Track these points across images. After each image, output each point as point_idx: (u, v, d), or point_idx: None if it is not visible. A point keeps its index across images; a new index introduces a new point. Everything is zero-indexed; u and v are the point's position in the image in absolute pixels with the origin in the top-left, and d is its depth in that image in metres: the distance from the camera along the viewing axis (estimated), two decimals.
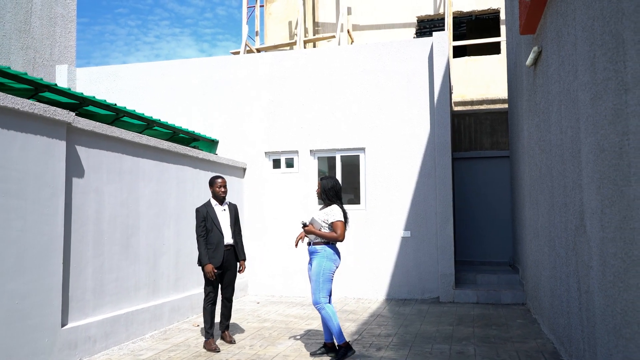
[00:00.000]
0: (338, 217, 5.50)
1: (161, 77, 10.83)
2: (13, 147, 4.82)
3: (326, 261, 5.50)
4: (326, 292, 5.49)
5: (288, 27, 17.20)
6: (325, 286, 5.47)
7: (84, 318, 5.78)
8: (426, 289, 9.41)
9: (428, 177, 9.52)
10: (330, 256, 5.51)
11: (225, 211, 6.36)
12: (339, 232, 5.46)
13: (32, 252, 4.98)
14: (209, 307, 6.12)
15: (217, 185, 6.29)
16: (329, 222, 5.51)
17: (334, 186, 5.70)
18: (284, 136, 10.16)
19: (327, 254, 5.52)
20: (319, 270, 5.47)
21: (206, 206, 6.25)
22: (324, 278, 5.47)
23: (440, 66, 9.44)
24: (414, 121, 9.64)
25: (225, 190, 6.31)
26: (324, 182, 5.71)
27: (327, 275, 5.49)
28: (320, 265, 5.48)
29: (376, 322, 7.43)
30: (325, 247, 5.53)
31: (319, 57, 10.18)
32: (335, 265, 5.54)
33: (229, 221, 6.33)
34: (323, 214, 5.57)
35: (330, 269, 5.50)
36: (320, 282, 5.46)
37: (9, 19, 11.05)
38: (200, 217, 6.14)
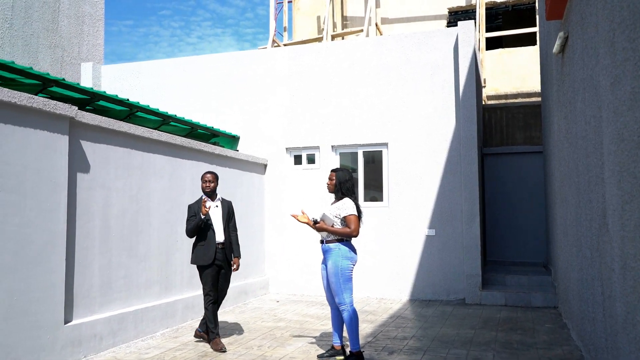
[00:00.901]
0: (351, 211, 5.19)
1: (182, 73, 10.77)
2: (11, 142, 4.75)
3: (342, 260, 5.18)
4: (349, 292, 5.19)
5: (316, 22, 16.98)
6: (347, 286, 5.18)
7: (89, 315, 5.70)
8: (451, 289, 9.02)
9: (453, 173, 9.12)
10: (345, 254, 5.20)
11: (218, 207, 6.16)
12: (352, 227, 5.15)
13: (32, 248, 4.91)
14: (210, 307, 5.95)
15: (203, 180, 6.11)
16: (342, 217, 5.20)
17: (351, 178, 5.40)
18: (305, 132, 9.94)
19: (342, 252, 5.20)
20: (336, 271, 5.17)
21: (197, 202, 6.07)
22: (343, 278, 5.17)
23: (466, 57, 9.02)
24: (439, 115, 9.25)
25: (209, 186, 6.06)
26: (340, 174, 5.39)
27: (347, 275, 5.18)
28: (337, 265, 5.17)
29: (394, 324, 7.13)
30: (339, 244, 5.22)
31: (339, 50, 9.90)
32: (352, 262, 5.23)
33: (221, 218, 6.12)
34: (335, 209, 5.28)
35: (348, 267, 5.19)
36: (340, 282, 5.16)
37: (37, 18, 11.21)
38: (191, 212, 5.99)
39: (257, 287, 9.40)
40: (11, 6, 10.69)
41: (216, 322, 5.96)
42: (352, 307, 5.20)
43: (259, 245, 9.76)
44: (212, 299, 5.96)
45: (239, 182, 9.11)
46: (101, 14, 13.26)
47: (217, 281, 6.04)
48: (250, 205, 9.49)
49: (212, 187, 6.10)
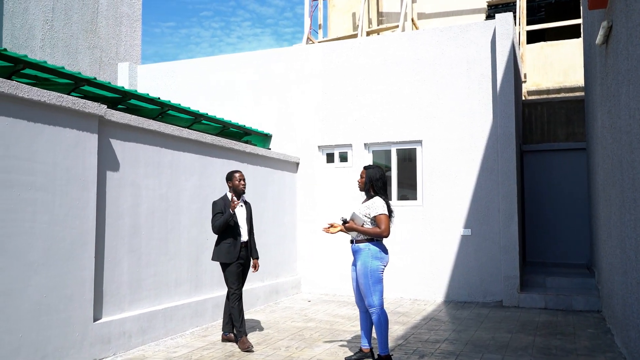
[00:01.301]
0: (381, 210, 5.02)
1: (215, 71, 10.80)
2: (40, 140, 4.80)
3: (372, 260, 5.01)
4: (379, 294, 5.02)
5: (352, 18, 16.81)
6: (377, 287, 5.01)
7: (119, 313, 5.73)
8: (488, 291, 8.73)
9: (490, 171, 8.82)
10: (375, 254, 5.03)
11: (243, 207, 6.16)
12: (382, 226, 4.98)
13: (61, 245, 4.95)
14: (236, 304, 5.90)
15: (236, 179, 6.04)
16: (372, 216, 5.04)
17: (382, 176, 5.21)
18: (337, 129, 9.81)
19: (372, 252, 5.03)
20: (366, 272, 5.01)
21: (223, 199, 6.02)
22: (373, 279, 5.00)
23: (504, 51, 8.70)
24: (475, 111, 8.96)
25: (245, 184, 6.08)
26: (371, 171, 5.22)
27: (377, 276, 5.01)
28: (367, 266, 5.01)
29: (427, 327, 6.92)
30: (369, 244, 5.05)
31: (373, 46, 9.72)
32: (382, 263, 5.05)
33: (245, 218, 6.12)
34: (365, 208, 5.12)
35: (378, 268, 5.02)
36: (370, 284, 5.00)
37: (77, 20, 11.44)
38: (217, 209, 5.92)
39: (288, 287, 9.33)
40: (52, 8, 10.94)
41: (242, 320, 5.90)
42: (381, 310, 5.04)
43: (291, 244, 9.69)
44: (238, 296, 5.92)
45: (270, 180, 9.06)
46: (139, 15, 13.45)
47: (243, 278, 6.02)
48: (281, 204, 9.43)
49: (246, 186, 6.13)
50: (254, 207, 8.49)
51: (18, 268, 4.55)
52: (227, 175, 6.18)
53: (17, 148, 4.58)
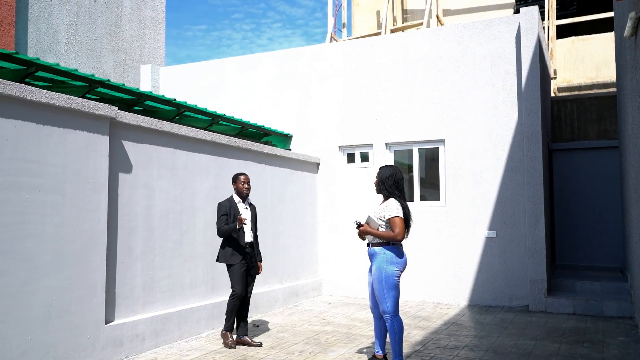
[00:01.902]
0: (394, 213, 4.83)
1: (236, 72, 10.76)
2: (50, 143, 4.79)
3: (387, 265, 4.82)
4: (394, 300, 4.82)
5: (376, 16, 16.60)
6: (392, 293, 4.81)
7: (132, 315, 5.70)
8: (514, 295, 8.43)
9: (516, 170, 8.52)
10: (390, 259, 4.84)
11: (247, 210, 6.15)
12: (396, 230, 4.78)
13: (71, 247, 4.94)
14: (233, 302, 5.95)
15: (240, 182, 6.08)
16: (386, 219, 4.87)
17: (393, 175, 5.01)
18: (358, 129, 9.64)
19: (387, 257, 4.85)
20: (380, 277, 4.83)
21: (229, 201, 6.06)
22: (388, 285, 4.80)
23: (529, 46, 8.40)
24: (499, 109, 8.68)
25: (249, 187, 6.11)
26: (381, 171, 5.06)
27: (392, 281, 4.81)
28: (381, 270, 4.83)
29: (448, 332, 6.70)
30: (383, 249, 4.87)
31: (394, 43, 9.52)
32: (398, 268, 4.84)
33: (249, 220, 6.12)
34: (379, 210, 4.95)
35: (393, 273, 4.82)
36: (384, 290, 4.81)
37: (100, 23, 11.57)
38: (222, 210, 5.96)
39: (309, 289, 9.21)
40: (76, 12, 11.08)
41: (233, 318, 5.98)
42: (396, 317, 4.85)
43: (311, 246, 9.57)
44: (238, 295, 5.93)
45: (289, 181, 8.95)
46: (162, 17, 13.54)
47: (246, 279, 6.03)
48: (301, 205, 9.31)
49: (250, 189, 6.13)
50: (273, 209, 8.41)
51: (27, 270, 4.55)
52: (233, 177, 6.18)
53: (25, 150, 4.58)
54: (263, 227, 8.09)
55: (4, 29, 9.60)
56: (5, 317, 4.34)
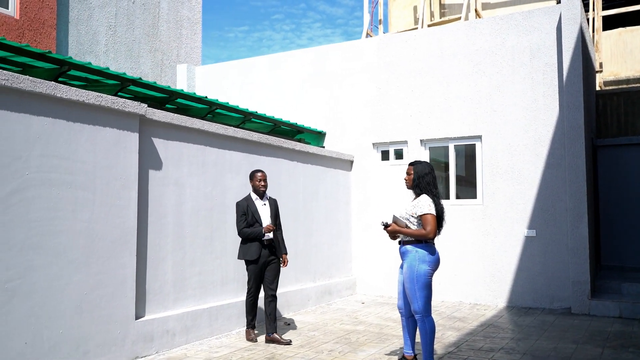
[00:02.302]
0: (427, 210, 4.66)
1: (269, 70, 10.76)
2: (80, 140, 4.85)
3: (419, 264, 4.65)
4: (426, 299, 4.66)
5: (413, 12, 16.33)
6: (423, 293, 4.65)
7: (162, 311, 5.73)
8: (555, 297, 8.10)
9: (557, 167, 8.19)
10: (423, 258, 4.67)
11: (266, 205, 6.17)
12: (428, 227, 4.61)
13: (101, 243, 4.99)
14: (251, 300, 6.14)
15: (256, 179, 6.13)
16: (417, 216, 4.71)
17: (431, 172, 4.85)
18: (392, 126, 9.47)
19: (420, 255, 4.68)
20: (412, 276, 4.67)
21: (246, 200, 6.12)
22: (420, 284, 4.64)
23: (571, 37, 8.05)
24: (539, 103, 8.36)
25: (265, 185, 6.14)
26: (419, 167, 4.86)
27: (423, 281, 4.65)
28: (413, 269, 4.67)
29: (484, 333, 6.48)
30: (416, 247, 4.70)
31: (429, 38, 9.31)
32: (430, 267, 4.68)
33: (269, 216, 6.12)
34: (411, 207, 4.79)
35: (425, 272, 4.65)
36: (416, 289, 4.65)
37: (139, 25, 11.76)
38: (241, 210, 6.04)
39: (342, 288, 9.11)
40: (115, 14, 11.30)
41: (254, 315, 6.17)
42: (428, 317, 4.69)
43: (345, 244, 9.46)
44: (253, 293, 6.11)
45: (322, 178, 8.87)
46: (199, 17, 13.67)
47: (261, 276, 6.08)
48: (334, 203, 9.22)
49: (266, 186, 6.17)
50: (305, 206, 8.35)
51: (58, 265, 4.62)
52: (250, 174, 6.23)
53: (56, 147, 4.65)
54: (295, 224, 8.05)
55: (46, 32, 9.86)
56: (37, 311, 4.42)
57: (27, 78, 4.39)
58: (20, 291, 4.31)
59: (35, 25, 9.61)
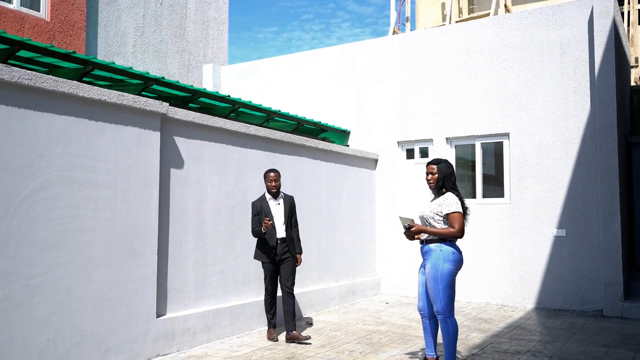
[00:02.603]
0: (455, 208, 4.53)
1: (293, 69, 10.74)
2: (102, 138, 4.90)
3: (443, 263, 4.51)
4: (450, 300, 4.54)
5: (441, 9, 16.12)
6: (447, 293, 4.52)
7: (183, 309, 5.76)
8: (586, 299, 7.86)
9: (588, 165, 7.94)
10: (448, 256, 4.52)
11: (280, 205, 6.19)
12: (457, 226, 4.48)
13: (123, 241, 5.04)
14: (269, 299, 6.18)
15: (268, 179, 6.18)
16: (443, 214, 4.58)
17: (453, 171, 4.77)
18: (417, 124, 9.33)
19: (445, 254, 4.53)
20: (436, 275, 4.53)
21: (260, 200, 6.18)
22: (443, 284, 4.51)
23: (603, 30, 7.79)
24: (569, 99, 8.11)
25: (275, 185, 6.14)
26: (443, 166, 4.74)
27: (447, 280, 4.51)
28: (437, 269, 4.53)
29: (510, 335, 6.32)
30: (441, 245, 4.57)
31: (455, 34, 9.14)
32: (454, 266, 4.55)
33: (282, 215, 6.15)
34: (436, 205, 4.65)
35: (450, 272, 4.51)
36: (440, 289, 4.51)
37: (166, 26, 11.89)
38: (254, 210, 6.13)
39: (366, 287, 9.02)
40: (142, 15, 11.44)
41: (273, 314, 6.18)
42: (451, 318, 4.57)
43: (369, 244, 9.37)
44: (270, 291, 6.18)
45: (345, 177, 8.80)
46: (225, 18, 13.75)
47: (276, 276, 6.17)
48: (359, 202, 9.14)
49: (278, 186, 6.16)
50: (328, 205, 8.29)
51: (80, 263, 4.67)
52: (264, 173, 6.27)
53: (78, 146, 4.70)
54: (318, 224, 8.00)
55: (76, 33, 10.05)
56: (59, 308, 4.48)
57: (50, 77, 4.46)
58: (42, 288, 4.37)
59: (66, 27, 9.80)
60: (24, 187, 4.29)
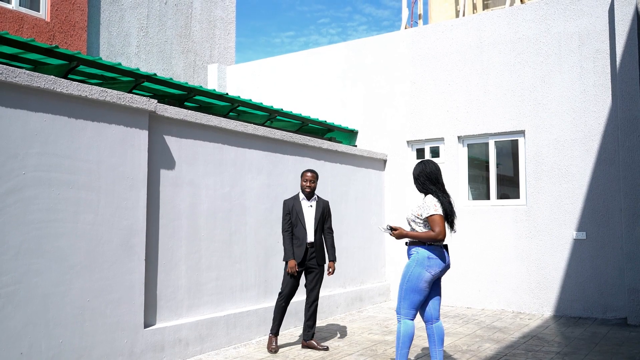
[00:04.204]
0: (432, 211, 4.28)
1: (299, 67, 10.40)
2: (82, 137, 4.59)
3: (415, 266, 4.31)
4: (409, 303, 4.33)
5: (454, 4, 15.66)
6: (409, 296, 4.32)
7: (175, 319, 5.43)
8: (609, 306, 7.37)
9: (609, 163, 7.45)
10: (422, 261, 4.30)
11: (312, 207, 5.84)
12: (437, 229, 4.24)
13: (107, 247, 4.72)
14: (282, 304, 5.74)
15: (303, 179, 5.86)
16: (423, 218, 4.34)
17: (422, 170, 4.49)
18: (428, 122, 8.92)
19: (420, 257, 4.31)
20: (404, 275, 4.37)
21: (293, 199, 5.83)
22: (407, 286, 4.32)
23: (625, 20, 7.31)
24: (589, 93, 7.64)
25: (310, 186, 5.82)
26: (414, 168, 4.59)
27: (412, 284, 4.30)
28: (407, 270, 4.35)
29: (525, 346, 5.88)
30: (419, 248, 4.35)
31: (465, 28, 8.71)
32: (429, 272, 4.28)
33: (313, 218, 5.78)
34: (416, 208, 4.45)
35: (419, 276, 4.28)
36: (403, 289, 4.35)
37: (171, 25, 11.64)
38: (286, 209, 5.78)
39: (375, 294, 8.62)
40: (146, 15, 11.21)
41: (280, 321, 5.77)
42: (406, 321, 4.35)
43: (378, 248, 8.96)
44: (285, 296, 5.74)
45: (352, 179, 8.42)
46: (232, 17, 13.47)
47: (298, 281, 5.75)
48: (366, 204, 8.74)
49: (312, 187, 5.83)
50: (334, 208, 7.85)
51: (59, 270, 4.36)
52: (301, 173, 6.00)
53: (57, 145, 4.40)
54: None
55: (77, 34, 9.83)
56: (35, 319, 4.17)
57: (24, 72, 4.16)
58: (16, 298, 4.07)
59: (66, 27, 9.58)
60: None
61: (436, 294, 4.47)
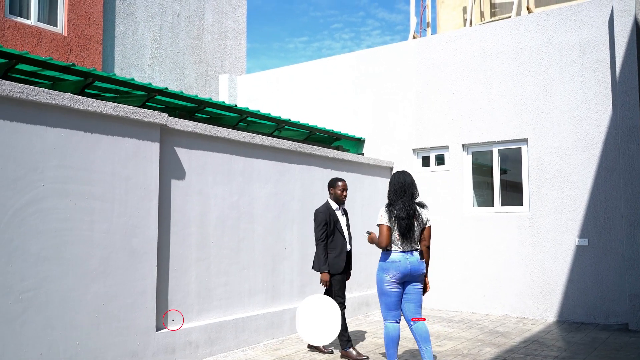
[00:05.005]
0: (378, 220, 4.79)
1: (309, 77, 10.64)
2: (97, 150, 4.87)
3: (378, 271, 4.83)
4: (383, 306, 4.81)
5: (462, 13, 15.83)
6: (380, 300, 4.82)
7: (185, 322, 5.67)
8: (611, 312, 7.48)
9: (610, 171, 7.58)
10: (381, 266, 4.79)
11: (343, 216, 6.04)
12: (379, 237, 4.77)
13: (120, 254, 4.98)
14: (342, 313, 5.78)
15: (339, 188, 5.96)
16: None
17: (390, 182, 4.98)
18: (433, 130, 9.11)
19: (380, 263, 4.83)
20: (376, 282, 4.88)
21: (327, 209, 5.93)
22: (377, 291, 4.85)
23: (624, 30, 7.45)
24: (590, 102, 7.78)
25: (346, 195, 6.01)
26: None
27: (379, 288, 4.81)
28: (376, 276, 4.86)
29: (525, 351, 6.03)
30: (380, 255, 4.87)
31: (469, 38, 8.90)
32: (387, 275, 4.70)
33: (345, 225, 6.00)
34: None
35: (381, 280, 4.75)
36: (378, 294, 4.85)
37: (183, 37, 11.97)
38: (322, 219, 5.83)
39: None
40: (159, 27, 11.54)
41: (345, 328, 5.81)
42: (385, 323, 4.83)
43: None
44: (344, 305, 5.85)
45: (359, 186, 8.63)
46: (243, 28, 13.78)
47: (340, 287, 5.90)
48: (373, 211, 8.92)
49: (346, 195, 6.00)
50: None
51: (76, 276, 4.63)
52: (330, 181, 6.10)
53: (73, 158, 4.68)
54: None
55: (93, 47, 10.18)
56: (53, 323, 4.44)
57: (43, 90, 4.45)
58: (35, 302, 4.34)
59: (82, 41, 9.93)
60: (16, 201, 4.27)
61: (411, 297, 4.77)
